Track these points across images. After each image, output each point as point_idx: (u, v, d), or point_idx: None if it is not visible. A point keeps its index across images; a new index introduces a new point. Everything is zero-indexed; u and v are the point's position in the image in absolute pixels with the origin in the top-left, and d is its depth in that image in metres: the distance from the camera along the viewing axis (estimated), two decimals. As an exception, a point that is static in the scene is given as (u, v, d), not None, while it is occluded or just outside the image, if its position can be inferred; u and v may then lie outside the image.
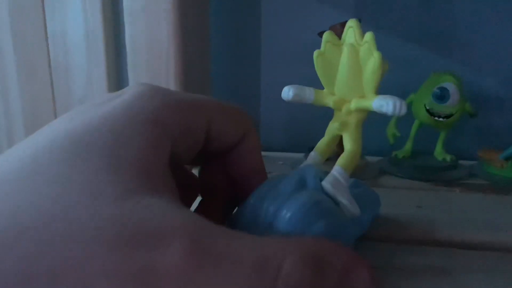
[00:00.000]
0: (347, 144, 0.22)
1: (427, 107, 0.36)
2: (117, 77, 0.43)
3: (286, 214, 0.17)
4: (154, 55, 0.36)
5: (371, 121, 0.42)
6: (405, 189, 0.34)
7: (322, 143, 0.24)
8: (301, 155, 0.40)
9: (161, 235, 0.13)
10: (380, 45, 0.44)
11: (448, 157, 0.38)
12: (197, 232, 0.14)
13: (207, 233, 0.14)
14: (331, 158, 0.37)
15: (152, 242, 0.13)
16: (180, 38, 0.35)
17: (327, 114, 0.40)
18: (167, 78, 0.37)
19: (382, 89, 0.42)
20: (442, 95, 0.35)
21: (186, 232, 0.13)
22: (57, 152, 0.15)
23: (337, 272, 0.15)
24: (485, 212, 0.29)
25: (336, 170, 0.20)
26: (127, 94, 0.18)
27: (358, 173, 0.36)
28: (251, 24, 0.33)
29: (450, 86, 0.35)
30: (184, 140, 0.18)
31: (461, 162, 0.38)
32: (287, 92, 0.22)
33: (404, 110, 0.20)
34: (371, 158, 0.40)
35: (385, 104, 0.21)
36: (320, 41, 0.36)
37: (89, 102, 0.18)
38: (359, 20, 0.35)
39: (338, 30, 0.35)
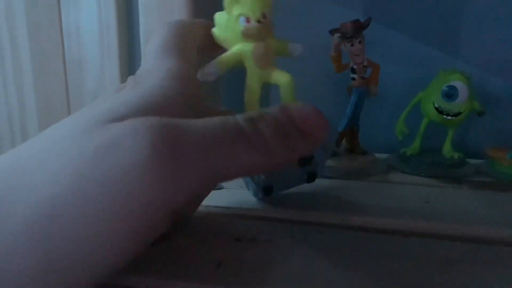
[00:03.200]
0: (281, 77, 0.24)
1: (436, 105, 0.37)
2: (130, 71, 0.43)
3: None
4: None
5: (380, 118, 0.43)
6: (413, 185, 0.34)
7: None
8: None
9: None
10: (389, 43, 0.45)
11: (456, 155, 0.38)
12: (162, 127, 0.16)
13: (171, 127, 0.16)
14: (341, 153, 0.38)
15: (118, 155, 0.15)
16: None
17: (336, 111, 0.40)
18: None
19: (391, 86, 0.42)
20: (451, 94, 0.35)
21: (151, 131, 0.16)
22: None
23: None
24: (492, 208, 0.29)
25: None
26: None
27: (367, 169, 0.37)
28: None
29: (459, 84, 0.36)
30: None
31: (468, 160, 0.39)
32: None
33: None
34: (379, 155, 0.40)
35: None
36: (330, 39, 0.36)
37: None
38: (369, 20, 0.36)
39: (349, 28, 0.35)
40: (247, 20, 0.23)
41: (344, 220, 0.27)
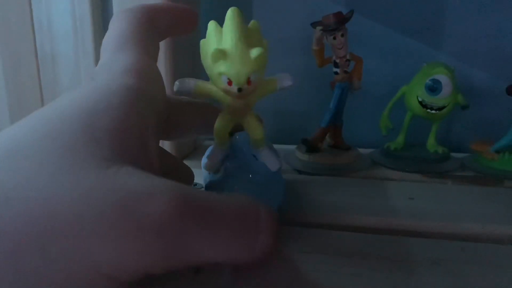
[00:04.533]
0: (252, 132, 0.23)
1: (420, 99, 0.36)
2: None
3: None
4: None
5: (364, 113, 0.43)
6: (397, 181, 0.34)
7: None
8: (292, 147, 0.40)
9: (148, 195, 0.14)
10: (372, 36, 0.44)
11: (440, 149, 0.38)
12: (178, 190, 0.15)
13: (187, 191, 0.15)
14: (324, 149, 0.37)
15: (140, 200, 0.14)
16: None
17: (319, 106, 0.39)
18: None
19: (374, 80, 0.42)
20: (434, 87, 0.35)
21: (169, 190, 0.15)
22: (37, 133, 0.15)
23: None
24: (477, 203, 0.29)
25: (265, 149, 0.24)
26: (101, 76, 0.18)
27: (351, 165, 0.36)
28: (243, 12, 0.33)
29: (443, 78, 0.35)
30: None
31: (453, 154, 0.38)
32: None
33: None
34: (363, 150, 0.40)
35: None
36: (312, 32, 0.36)
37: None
38: (352, 12, 0.35)
39: (331, 21, 0.34)
40: (229, 82, 0.21)
41: (327, 219, 0.26)
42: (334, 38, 0.35)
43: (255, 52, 0.20)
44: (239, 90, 0.21)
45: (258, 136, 0.23)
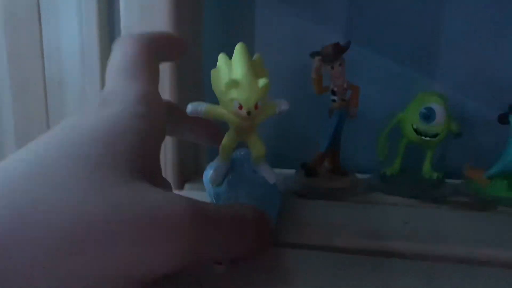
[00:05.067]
0: (254, 149, 0.27)
1: (414, 127, 0.37)
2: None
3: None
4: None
5: (361, 139, 0.44)
6: (393, 205, 0.34)
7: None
8: (292, 171, 0.41)
9: (168, 205, 0.17)
10: (370, 65, 0.46)
11: (435, 175, 0.39)
12: (192, 201, 0.18)
13: (198, 202, 0.18)
14: (322, 174, 0.38)
15: (162, 210, 0.17)
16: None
17: (317, 132, 0.41)
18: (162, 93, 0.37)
19: (371, 107, 0.43)
20: (428, 115, 0.36)
21: (185, 201, 0.18)
22: (66, 153, 0.17)
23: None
24: (471, 228, 0.30)
25: (263, 165, 0.28)
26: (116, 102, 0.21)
27: (348, 189, 0.37)
28: (245, 29, 0.34)
29: (436, 106, 0.36)
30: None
31: (448, 180, 0.39)
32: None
33: None
34: (360, 175, 0.40)
35: None
36: (311, 62, 0.37)
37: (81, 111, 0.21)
38: (349, 43, 0.36)
39: (330, 52, 0.36)
40: (240, 106, 0.24)
41: (324, 241, 0.27)
42: (332, 68, 0.36)
43: (262, 82, 0.24)
44: (248, 113, 0.24)
45: (261, 153, 0.27)
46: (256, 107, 0.24)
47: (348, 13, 0.45)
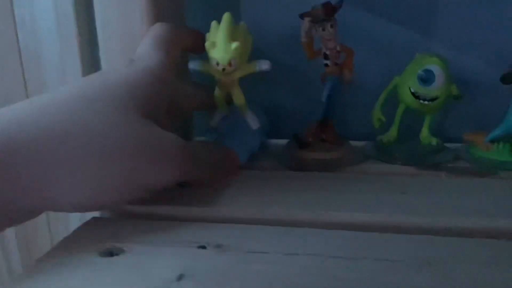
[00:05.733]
0: (236, 99, 0.33)
1: (412, 90, 0.35)
2: (92, 63, 0.41)
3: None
4: (128, 42, 0.35)
5: (356, 105, 0.42)
6: (390, 175, 0.33)
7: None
8: (283, 141, 0.39)
9: (168, 138, 0.26)
10: (363, 27, 0.43)
11: (434, 141, 0.37)
12: (181, 140, 0.27)
13: (188, 143, 0.28)
14: (316, 145, 0.37)
15: (164, 140, 0.26)
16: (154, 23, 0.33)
17: (310, 101, 0.39)
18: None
19: (366, 71, 0.41)
20: (427, 78, 0.34)
21: (177, 138, 0.27)
22: (98, 92, 0.25)
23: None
24: (471, 196, 0.28)
25: (246, 112, 0.34)
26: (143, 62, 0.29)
27: (343, 160, 0.36)
28: (230, 8, 0.32)
29: (435, 68, 0.34)
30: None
31: (447, 145, 0.38)
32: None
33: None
34: (356, 143, 0.39)
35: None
36: (299, 24, 0.35)
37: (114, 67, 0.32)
38: (341, 2, 0.34)
39: (320, 12, 0.33)
40: (217, 63, 0.31)
41: (317, 216, 0.26)
42: (323, 30, 0.34)
43: (234, 44, 0.30)
44: (223, 69, 0.31)
45: (241, 101, 0.33)
46: (230, 64, 0.30)
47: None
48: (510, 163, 0.33)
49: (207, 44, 0.30)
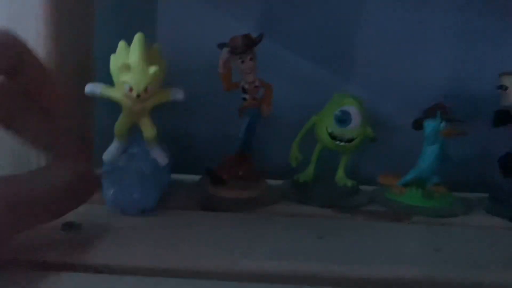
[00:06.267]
0: (145, 131, 0.29)
1: (329, 131, 0.35)
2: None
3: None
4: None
5: (274, 142, 0.40)
6: (307, 217, 0.31)
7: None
8: (196, 177, 0.36)
9: None
10: (285, 63, 0.43)
11: (350, 183, 0.37)
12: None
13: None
14: (231, 182, 0.34)
15: None
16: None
17: (225, 134, 0.37)
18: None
19: (284, 108, 0.40)
20: (344, 119, 0.34)
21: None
22: None
23: None
24: (387, 243, 0.27)
25: (154, 147, 0.30)
26: None
27: (259, 199, 0.34)
28: (145, 29, 0.29)
29: (352, 109, 0.34)
30: None
31: (363, 187, 0.37)
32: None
33: None
34: (272, 181, 0.37)
35: None
36: (218, 53, 0.33)
37: None
38: (261, 36, 0.33)
39: (239, 43, 0.32)
40: (130, 89, 0.27)
41: (225, 265, 0.23)
42: (242, 62, 0.32)
43: (152, 69, 0.27)
44: (138, 96, 0.27)
45: (151, 135, 0.29)
46: (146, 91, 0.27)
47: (263, 5, 0.41)
48: (421, 208, 0.33)
49: (117, 67, 0.27)
